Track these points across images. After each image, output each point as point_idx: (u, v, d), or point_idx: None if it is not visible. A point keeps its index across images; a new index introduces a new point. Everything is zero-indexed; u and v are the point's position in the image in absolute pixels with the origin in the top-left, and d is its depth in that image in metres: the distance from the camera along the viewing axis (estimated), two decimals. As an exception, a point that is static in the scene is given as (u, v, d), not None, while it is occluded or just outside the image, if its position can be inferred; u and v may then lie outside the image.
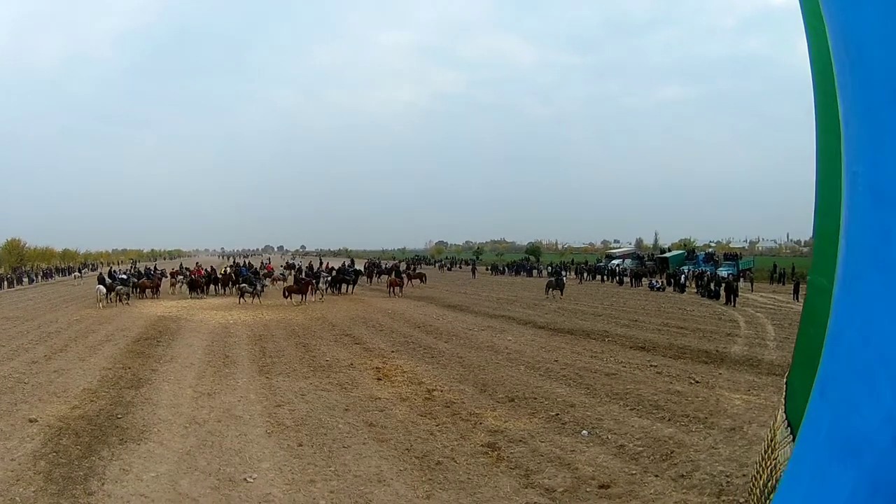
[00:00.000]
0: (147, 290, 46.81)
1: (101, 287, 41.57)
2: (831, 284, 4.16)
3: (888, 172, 2.31)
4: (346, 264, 58.32)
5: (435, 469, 11.00)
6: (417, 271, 60.30)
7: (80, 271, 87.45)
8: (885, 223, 2.27)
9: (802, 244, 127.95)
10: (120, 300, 41.72)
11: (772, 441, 5.91)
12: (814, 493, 2.43)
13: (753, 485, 6.57)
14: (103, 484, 10.08)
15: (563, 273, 60.38)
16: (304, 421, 13.79)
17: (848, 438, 2.27)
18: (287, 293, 41.70)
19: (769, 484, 5.52)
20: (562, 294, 43.72)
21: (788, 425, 5.46)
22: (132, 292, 44.28)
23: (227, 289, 49.31)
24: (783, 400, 5.99)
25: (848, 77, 2.56)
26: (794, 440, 5.10)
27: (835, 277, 2.86)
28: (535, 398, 15.83)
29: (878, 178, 2.34)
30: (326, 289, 45.07)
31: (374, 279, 61.50)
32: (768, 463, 5.77)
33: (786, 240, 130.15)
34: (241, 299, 41.71)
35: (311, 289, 42.67)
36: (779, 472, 5.25)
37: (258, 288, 43.17)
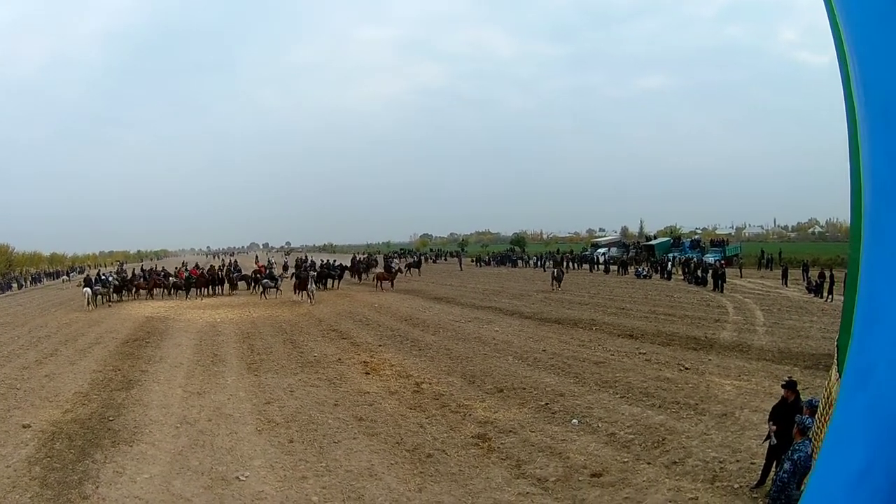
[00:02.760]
0: (141, 291, 46.77)
1: (88, 289, 41.50)
2: None
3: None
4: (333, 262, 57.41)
5: (426, 462, 11.07)
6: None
7: (68, 275, 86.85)
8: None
9: (790, 230, 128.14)
10: (97, 302, 41.51)
11: (828, 399, 6.17)
12: (844, 417, 2.66)
13: (816, 439, 6.97)
14: (98, 487, 10.12)
15: (562, 264, 60.47)
16: (293, 417, 13.84)
17: (861, 372, 2.49)
18: (297, 289, 41.61)
19: None
20: (560, 285, 43.56)
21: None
22: (112, 294, 44.02)
23: (221, 288, 48.64)
24: (835, 360, 6.27)
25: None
26: None
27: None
28: (524, 388, 15.91)
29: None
30: (315, 289, 41.94)
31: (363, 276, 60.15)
32: (828, 419, 6.06)
33: (773, 225, 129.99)
34: (264, 295, 41.84)
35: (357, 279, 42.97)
36: None
37: (279, 283, 43.75)
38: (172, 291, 45.82)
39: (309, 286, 39.41)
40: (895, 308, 2.36)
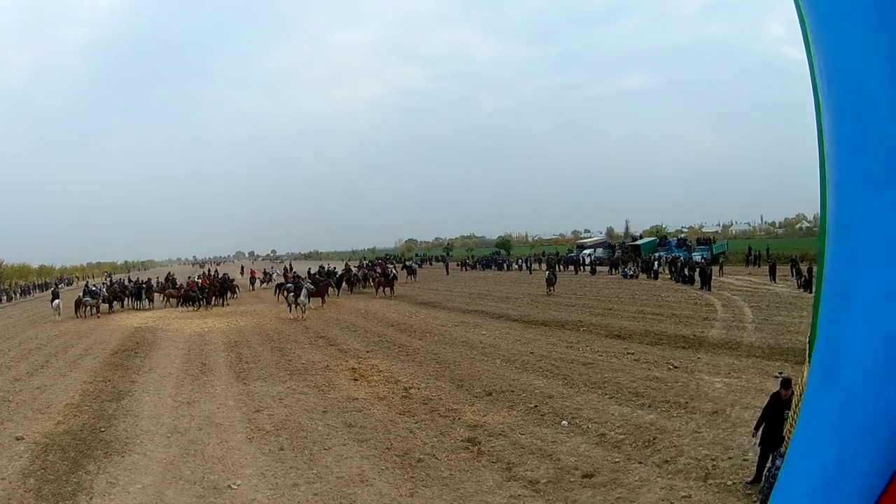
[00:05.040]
0: (171, 300, 47.38)
1: (57, 301, 42.78)
2: None
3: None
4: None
5: (416, 467, 11.11)
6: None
7: (56, 286, 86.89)
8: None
9: (777, 226, 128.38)
10: (86, 313, 41.76)
11: (800, 397, 6.07)
12: (812, 417, 2.55)
13: (789, 437, 6.77)
14: (91, 498, 10.15)
15: (555, 266, 60.35)
16: (283, 425, 13.87)
17: (831, 365, 2.39)
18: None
19: None
20: (553, 289, 42.69)
21: None
22: (100, 304, 44.02)
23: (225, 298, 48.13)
24: (808, 359, 6.19)
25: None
26: None
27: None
28: (513, 391, 15.97)
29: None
30: (308, 301, 37.54)
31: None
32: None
33: (760, 222, 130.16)
34: (286, 297, 41.95)
35: (330, 291, 43.05)
36: None
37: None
38: (183, 302, 45.56)
39: (300, 298, 36.51)
40: (861, 304, 2.33)
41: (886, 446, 2.17)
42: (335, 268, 57.87)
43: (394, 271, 51.53)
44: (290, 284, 41.45)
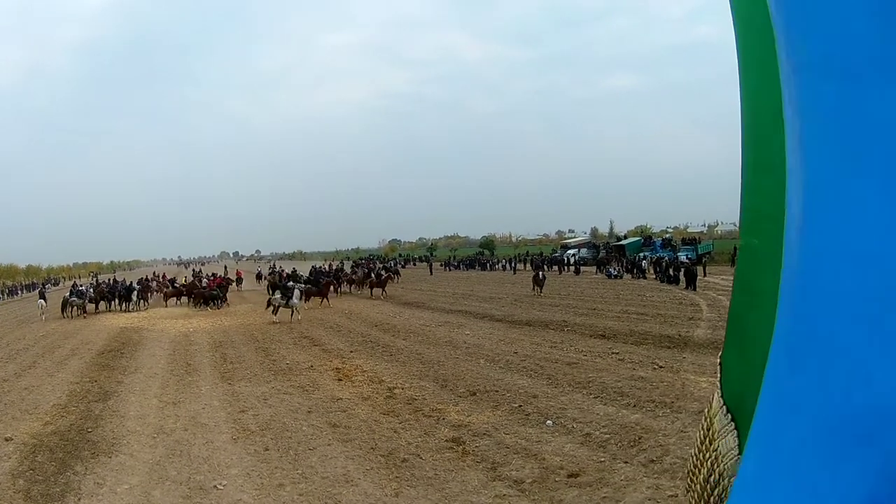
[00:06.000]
0: (170, 299, 48.68)
1: (42, 301, 43.53)
2: (763, 241, 4.08)
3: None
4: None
5: (401, 466, 11.14)
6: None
7: (44, 286, 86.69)
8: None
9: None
10: (73, 313, 42.16)
11: (709, 430, 5.80)
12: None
13: (692, 481, 6.52)
14: (80, 499, 10.14)
15: (544, 267, 60.45)
16: (268, 425, 13.89)
17: (852, 419, 1.59)
18: (307, 297, 41.02)
19: (711, 478, 5.41)
20: (542, 290, 42.19)
21: (728, 411, 5.33)
22: (87, 305, 44.18)
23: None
24: (718, 383, 5.95)
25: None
26: (735, 428, 4.96)
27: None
28: (497, 391, 16.01)
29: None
30: (303, 299, 36.84)
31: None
32: (708, 455, 5.62)
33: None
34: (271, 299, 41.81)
35: (333, 289, 44.39)
36: (721, 465, 5.13)
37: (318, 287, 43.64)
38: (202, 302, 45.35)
39: (292, 301, 34.99)
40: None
41: None
42: (332, 266, 57.90)
43: (375, 272, 51.60)
44: (299, 285, 40.28)
